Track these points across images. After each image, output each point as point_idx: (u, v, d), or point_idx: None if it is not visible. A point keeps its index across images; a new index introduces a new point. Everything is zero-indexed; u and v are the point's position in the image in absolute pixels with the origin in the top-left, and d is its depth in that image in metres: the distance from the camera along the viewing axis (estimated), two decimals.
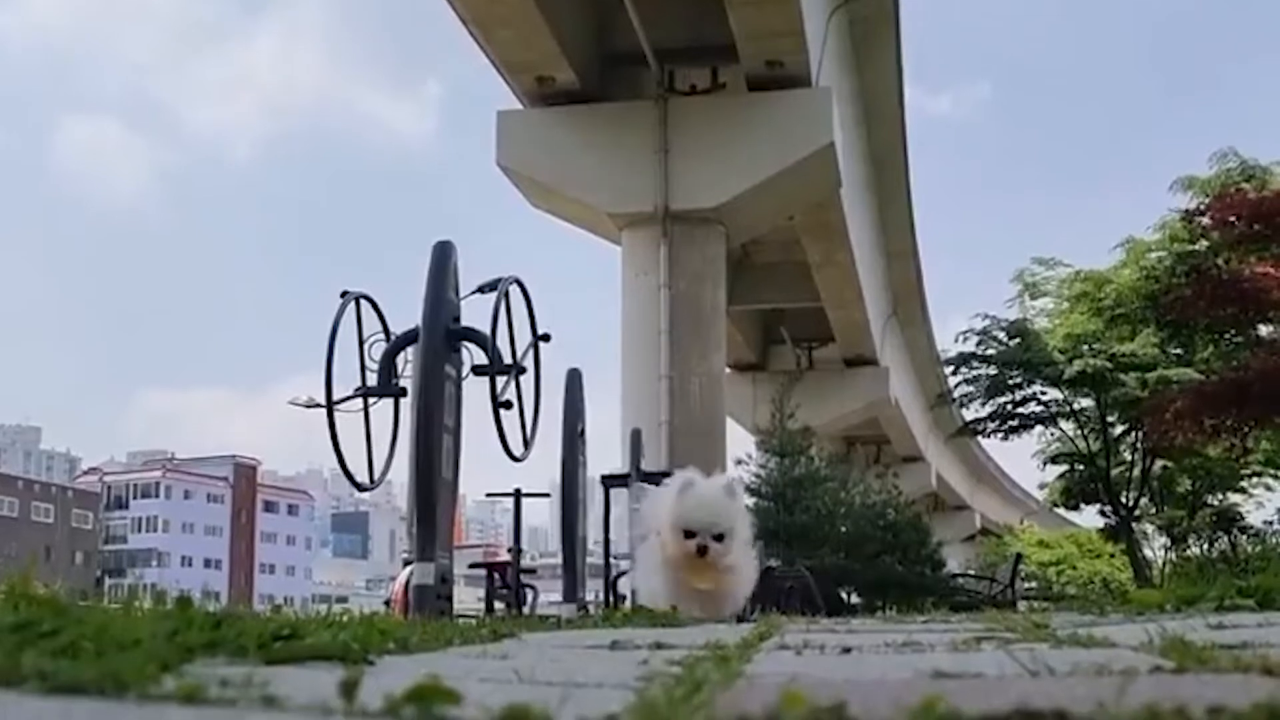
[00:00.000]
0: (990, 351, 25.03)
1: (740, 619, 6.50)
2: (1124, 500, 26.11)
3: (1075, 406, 25.33)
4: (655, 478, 9.39)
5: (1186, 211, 20.24)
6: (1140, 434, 24.03)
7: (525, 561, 11.62)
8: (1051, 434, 27.43)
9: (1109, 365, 22.97)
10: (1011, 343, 24.89)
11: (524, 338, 7.84)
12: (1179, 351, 22.99)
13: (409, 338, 7.41)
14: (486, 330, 7.36)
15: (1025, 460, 79.67)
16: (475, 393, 7.32)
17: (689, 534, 6.41)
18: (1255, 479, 29.06)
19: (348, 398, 7.70)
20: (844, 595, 19.12)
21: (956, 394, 26.52)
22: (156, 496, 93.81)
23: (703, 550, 6.38)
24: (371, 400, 7.78)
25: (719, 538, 6.43)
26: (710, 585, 6.48)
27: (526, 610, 10.39)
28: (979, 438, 29.37)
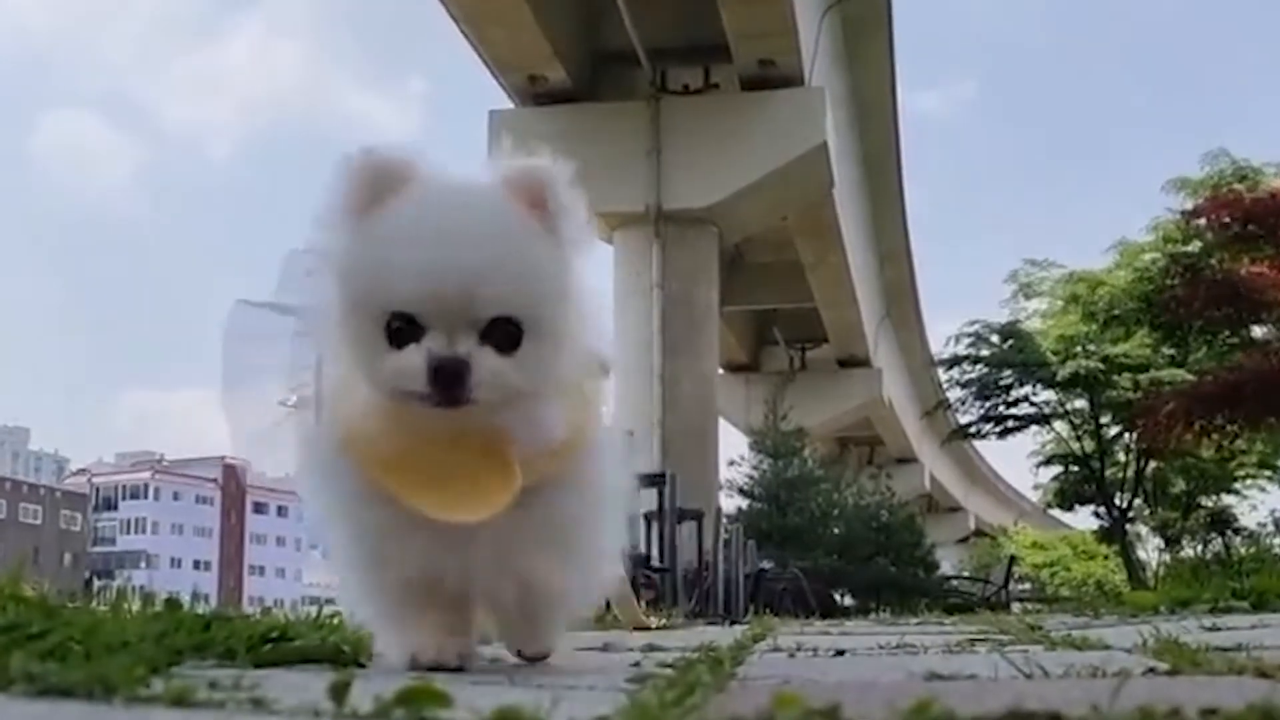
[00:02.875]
0: (984, 353, 25.07)
1: (732, 620, 5.76)
2: (1118, 502, 26.14)
3: (1069, 408, 25.37)
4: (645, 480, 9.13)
5: (1184, 211, 20.31)
6: (1134, 435, 24.07)
7: None
8: (1046, 435, 27.49)
9: (1101, 367, 23.03)
10: (1004, 345, 24.94)
11: None
12: (1172, 353, 23.04)
13: None
14: None
15: (1019, 462, 79.82)
16: None
17: (398, 324, 1.83)
18: (1249, 481, 29.15)
19: None
20: (837, 597, 19.16)
21: (950, 397, 26.55)
22: (145, 498, 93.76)
23: (448, 380, 1.80)
24: None
25: (504, 333, 1.84)
26: (480, 511, 1.88)
27: None
28: (973, 440, 29.42)
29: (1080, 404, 25.10)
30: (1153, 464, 25.89)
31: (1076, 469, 27.44)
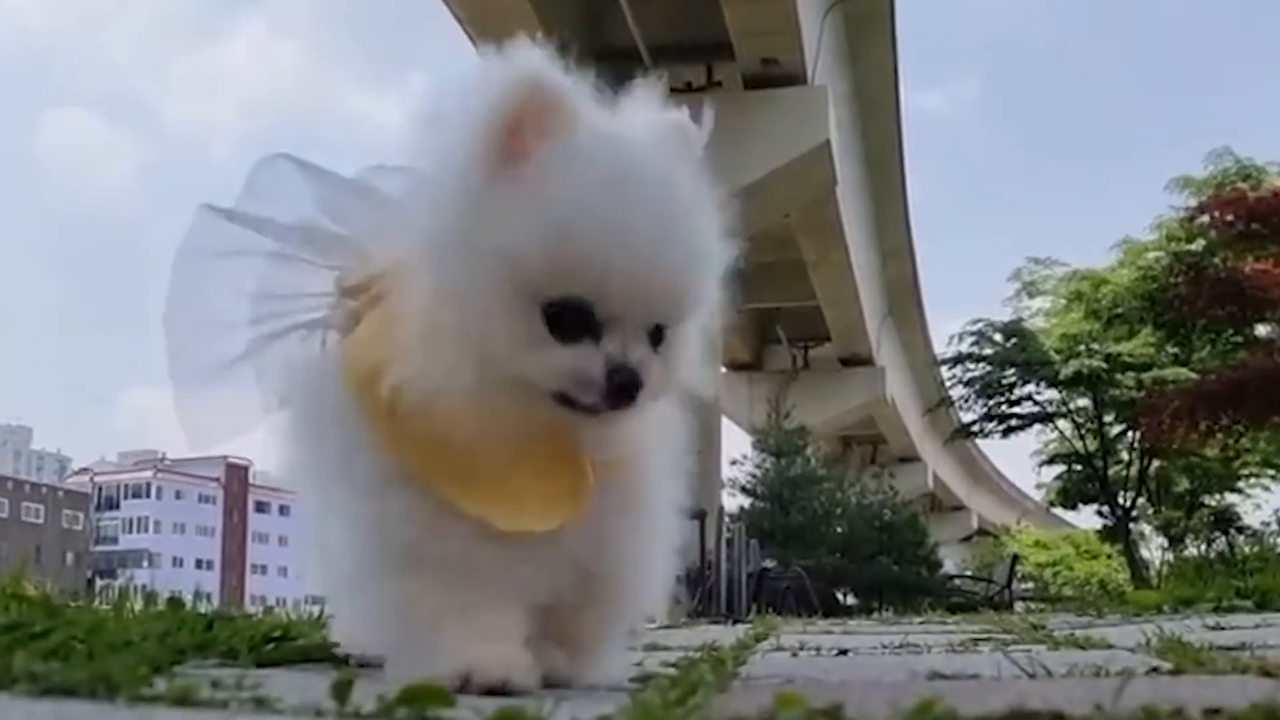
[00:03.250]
0: (986, 351, 25.06)
1: (735, 619, 5.70)
2: (1121, 501, 26.13)
3: (1072, 406, 25.37)
4: None
5: (1187, 210, 20.34)
6: (1137, 434, 24.07)
7: None
8: (1049, 434, 27.50)
9: (1104, 366, 23.02)
10: (1007, 343, 24.94)
11: None
12: (1175, 351, 23.05)
13: None
14: None
15: (1022, 460, 79.70)
16: None
17: (557, 309, 1.46)
18: (1253, 479, 29.12)
19: None
20: (840, 596, 19.15)
21: (953, 395, 26.55)
22: (147, 497, 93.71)
23: (628, 393, 1.49)
24: None
25: (659, 334, 1.53)
26: (546, 521, 1.55)
27: None
28: (976, 439, 29.41)
29: (1083, 403, 25.10)
30: (1156, 463, 25.90)
31: (1079, 468, 27.45)
